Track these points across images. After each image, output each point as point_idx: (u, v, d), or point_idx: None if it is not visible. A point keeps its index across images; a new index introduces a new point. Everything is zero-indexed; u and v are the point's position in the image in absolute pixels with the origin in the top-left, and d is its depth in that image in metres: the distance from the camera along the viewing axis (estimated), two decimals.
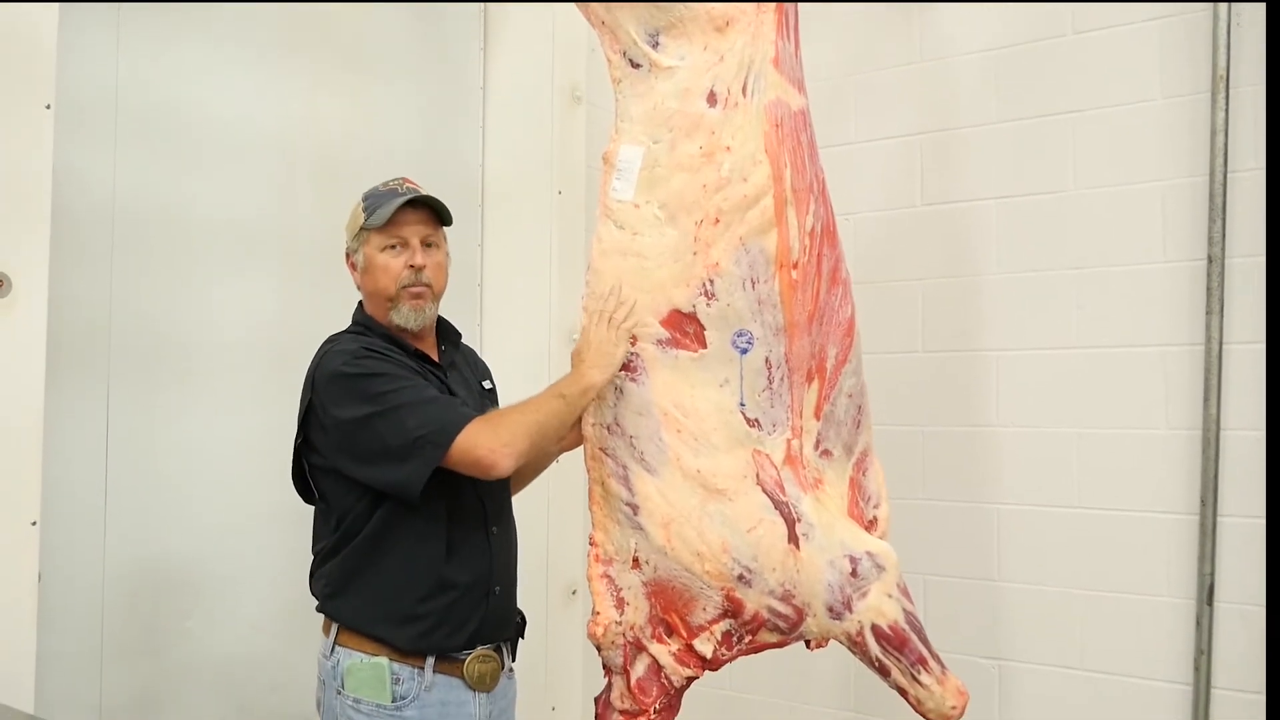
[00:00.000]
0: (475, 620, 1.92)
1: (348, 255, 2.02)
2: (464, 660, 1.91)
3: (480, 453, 1.79)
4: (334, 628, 1.91)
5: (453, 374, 2.04)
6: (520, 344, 3.18)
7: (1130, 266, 2.56)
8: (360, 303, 2.05)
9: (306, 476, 1.98)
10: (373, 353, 1.88)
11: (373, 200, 1.97)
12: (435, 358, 2.03)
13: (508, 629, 2.02)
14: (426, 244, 1.98)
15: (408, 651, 1.87)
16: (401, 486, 1.81)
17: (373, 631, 1.87)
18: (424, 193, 1.98)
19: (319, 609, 1.96)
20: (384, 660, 1.86)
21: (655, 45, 2.04)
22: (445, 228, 2.04)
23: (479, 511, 1.96)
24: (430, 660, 1.88)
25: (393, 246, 1.95)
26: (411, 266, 1.94)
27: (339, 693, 1.88)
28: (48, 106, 2.10)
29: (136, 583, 2.40)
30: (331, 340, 1.97)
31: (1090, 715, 2.58)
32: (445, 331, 2.09)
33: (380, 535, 1.88)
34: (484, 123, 3.24)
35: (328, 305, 2.68)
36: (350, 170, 2.82)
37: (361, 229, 1.96)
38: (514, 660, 2.07)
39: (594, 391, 1.95)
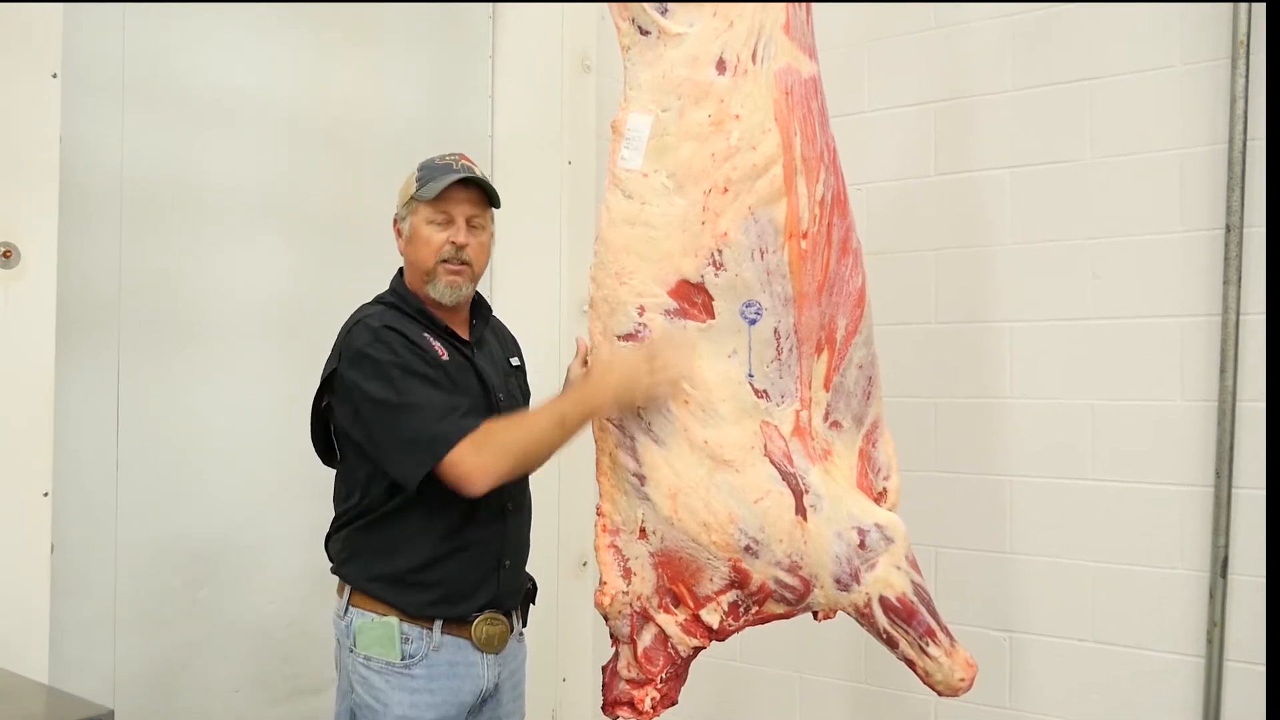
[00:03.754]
0: (484, 593, 1.95)
1: (395, 221, 2.03)
2: (473, 622, 1.94)
3: (460, 470, 1.81)
4: (347, 589, 1.95)
5: (481, 351, 2.04)
6: (531, 315, 3.16)
7: (1147, 236, 2.53)
8: (400, 269, 2.05)
9: (328, 439, 2.00)
10: (393, 335, 1.87)
11: (426, 172, 1.98)
12: (466, 334, 2.03)
13: (516, 598, 2.04)
14: (472, 224, 1.98)
15: (416, 615, 1.91)
16: (400, 480, 1.86)
17: (383, 596, 1.91)
18: (478, 173, 2.00)
19: (333, 571, 1.99)
20: (393, 620, 1.89)
21: (664, 11, 2.01)
22: (494, 210, 2.05)
23: (498, 487, 1.94)
24: (439, 623, 1.91)
25: (439, 221, 1.95)
26: (454, 243, 1.95)
27: (351, 650, 1.93)
28: (54, 75, 2.09)
29: (149, 552, 2.42)
30: (361, 311, 1.98)
31: (1102, 688, 2.57)
32: (478, 307, 2.10)
33: (397, 505, 1.90)
34: (493, 92, 3.21)
35: (338, 273, 2.68)
36: (359, 138, 2.82)
37: (412, 199, 1.97)
38: (524, 625, 2.09)
39: (599, 417, 1.94)
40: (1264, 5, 2.35)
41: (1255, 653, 2.38)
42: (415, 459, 1.82)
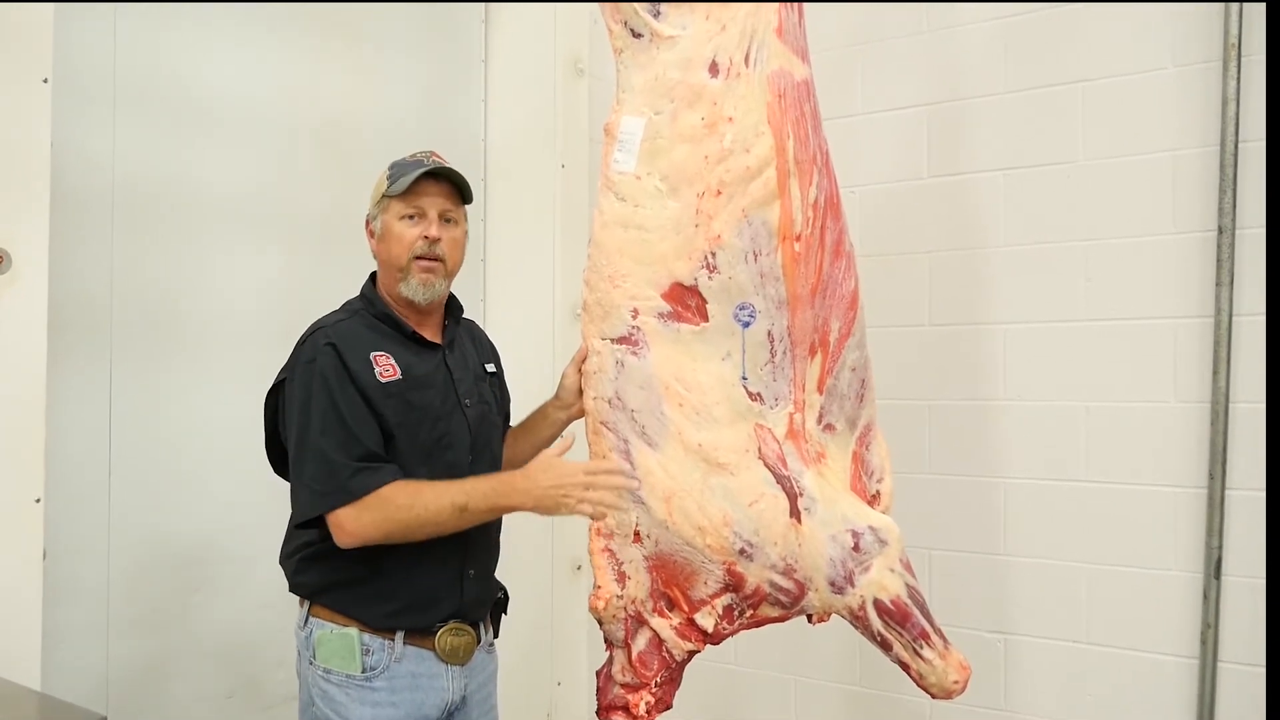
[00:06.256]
0: (447, 602, 1.91)
1: (367, 222, 2.00)
2: (436, 633, 1.90)
3: (335, 524, 1.81)
4: (307, 600, 1.93)
5: (453, 353, 2.01)
6: (524, 318, 3.17)
7: (1140, 238, 2.53)
8: (373, 274, 2.02)
9: (283, 449, 1.94)
10: (332, 357, 1.84)
11: (397, 169, 1.95)
12: (438, 337, 2.00)
13: (483, 608, 2.01)
14: (445, 218, 1.95)
15: (377, 626, 1.87)
16: (294, 507, 1.87)
17: (343, 607, 1.88)
18: (448, 165, 1.96)
19: (291, 588, 1.95)
20: (353, 631, 1.86)
21: (657, 14, 2.01)
22: (466, 206, 2.01)
23: None
24: (400, 633, 1.88)
25: (410, 216, 1.92)
26: (426, 238, 1.91)
27: (311, 662, 1.90)
28: (45, 80, 2.08)
29: (141, 558, 2.41)
30: (321, 320, 1.95)
31: (1096, 689, 2.57)
32: (451, 308, 2.06)
33: None
34: (486, 96, 3.22)
35: (331, 278, 2.66)
36: (352, 143, 2.81)
37: (383, 196, 1.94)
38: (495, 635, 2.06)
39: (505, 513, 1.90)
40: (1262, 6, 2.36)
41: (1249, 654, 2.38)
42: (308, 502, 1.83)
